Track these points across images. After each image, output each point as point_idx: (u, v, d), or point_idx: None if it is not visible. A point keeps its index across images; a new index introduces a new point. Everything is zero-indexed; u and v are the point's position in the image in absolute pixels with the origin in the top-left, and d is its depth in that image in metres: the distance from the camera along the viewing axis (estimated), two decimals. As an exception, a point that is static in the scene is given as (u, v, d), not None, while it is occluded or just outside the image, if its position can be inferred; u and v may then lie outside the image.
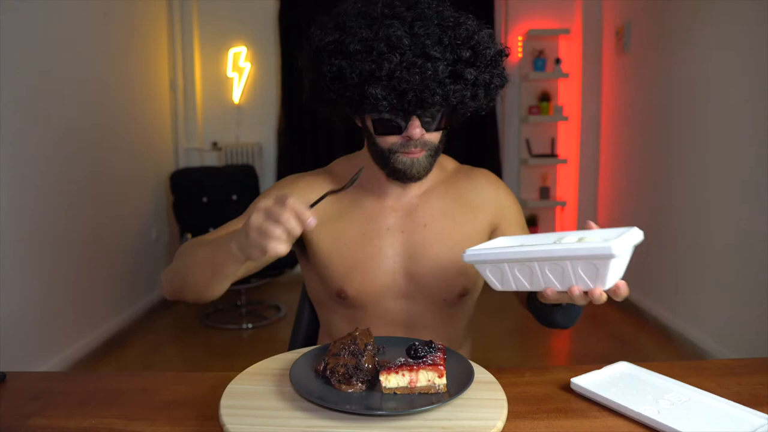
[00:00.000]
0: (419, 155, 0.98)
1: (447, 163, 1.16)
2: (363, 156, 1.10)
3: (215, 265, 0.90)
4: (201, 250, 0.95)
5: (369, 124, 1.01)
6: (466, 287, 1.09)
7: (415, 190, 1.09)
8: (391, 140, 0.98)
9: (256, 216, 0.79)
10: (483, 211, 1.12)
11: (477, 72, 0.94)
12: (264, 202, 0.80)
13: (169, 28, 4.13)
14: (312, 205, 0.82)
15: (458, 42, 0.92)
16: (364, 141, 1.08)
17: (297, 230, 0.78)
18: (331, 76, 0.94)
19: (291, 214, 0.77)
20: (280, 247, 0.78)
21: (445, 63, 0.91)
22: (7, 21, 2.43)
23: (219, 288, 0.95)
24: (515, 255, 0.80)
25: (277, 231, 0.77)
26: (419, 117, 0.96)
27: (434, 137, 1.00)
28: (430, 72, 0.90)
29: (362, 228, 1.07)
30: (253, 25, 4.26)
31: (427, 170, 1.01)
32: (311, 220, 0.78)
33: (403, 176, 1.00)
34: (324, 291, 1.12)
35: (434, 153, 1.01)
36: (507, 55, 1.01)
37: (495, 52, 0.97)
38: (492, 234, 1.13)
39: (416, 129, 0.95)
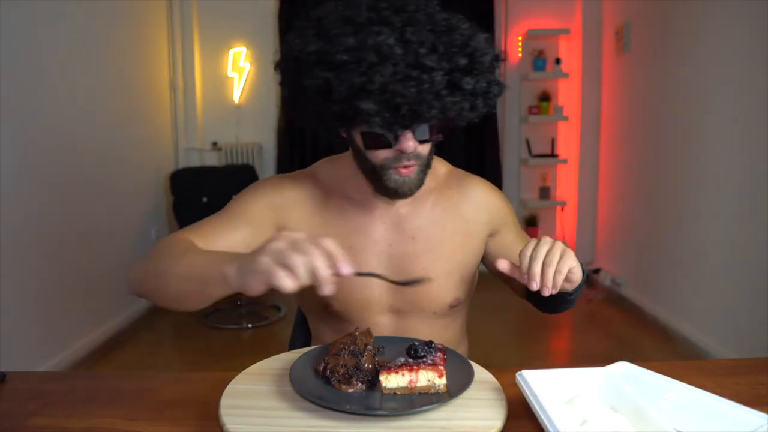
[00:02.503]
0: (411, 171, 0.92)
1: (439, 167, 1.10)
2: (347, 160, 1.04)
3: (200, 284, 0.79)
4: (186, 259, 0.83)
5: (357, 138, 0.93)
6: (458, 298, 1.07)
7: (404, 199, 1.02)
8: (383, 155, 0.92)
9: (278, 242, 0.70)
10: (477, 219, 1.08)
11: (474, 81, 0.87)
12: (289, 234, 0.71)
13: (169, 28, 4.13)
14: (357, 273, 0.74)
15: (454, 49, 0.85)
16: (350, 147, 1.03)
17: (322, 271, 0.68)
18: (315, 90, 0.86)
19: (322, 252, 0.69)
20: (288, 281, 0.68)
21: (442, 73, 0.83)
22: (7, 21, 2.43)
23: (195, 306, 0.84)
24: None
25: (297, 261, 0.68)
26: (413, 129, 0.89)
27: (426, 149, 0.94)
28: (426, 84, 0.82)
29: (349, 241, 1.02)
30: (253, 25, 4.26)
31: (418, 186, 0.96)
32: (346, 267, 0.69)
33: (393, 194, 0.95)
34: (312, 302, 1.09)
35: (425, 167, 0.96)
36: (504, 60, 0.95)
37: (492, 58, 0.90)
38: (491, 239, 1.11)
39: (409, 142, 0.89)
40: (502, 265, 0.93)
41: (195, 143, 4.33)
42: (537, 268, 0.86)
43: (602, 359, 0.95)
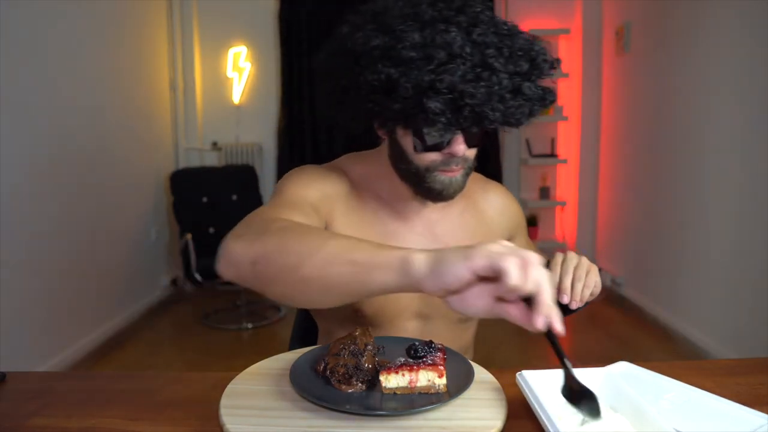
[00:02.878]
0: (457, 173, 0.91)
1: None
2: (377, 158, 1.02)
3: (363, 270, 0.65)
4: (336, 241, 0.70)
5: (407, 139, 0.90)
6: None
7: (435, 204, 1.01)
8: (431, 157, 0.89)
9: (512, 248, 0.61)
10: (498, 225, 1.10)
11: (534, 86, 0.86)
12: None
13: (169, 28, 4.13)
14: (562, 358, 0.68)
15: (519, 53, 0.83)
16: (383, 147, 1.00)
17: (546, 294, 0.60)
18: (377, 85, 0.82)
19: (549, 285, 0.60)
20: (518, 271, 0.58)
21: (507, 76, 0.82)
22: (7, 21, 2.43)
23: (334, 300, 0.71)
24: None
25: (537, 273, 0.59)
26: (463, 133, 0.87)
27: (473, 154, 0.93)
28: (495, 86, 0.80)
29: (383, 243, 1.01)
30: (253, 25, 4.26)
31: (461, 189, 0.94)
32: (558, 325, 0.61)
33: (437, 196, 0.93)
34: (338, 308, 1.01)
35: (470, 170, 0.95)
36: (556, 69, 0.92)
37: (551, 65, 0.89)
38: None
39: (460, 146, 0.88)
40: (574, 306, 0.94)
41: (195, 143, 4.33)
42: (568, 282, 0.90)
43: (602, 359, 0.95)
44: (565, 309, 1.05)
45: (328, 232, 0.80)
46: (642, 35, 3.56)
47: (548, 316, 0.60)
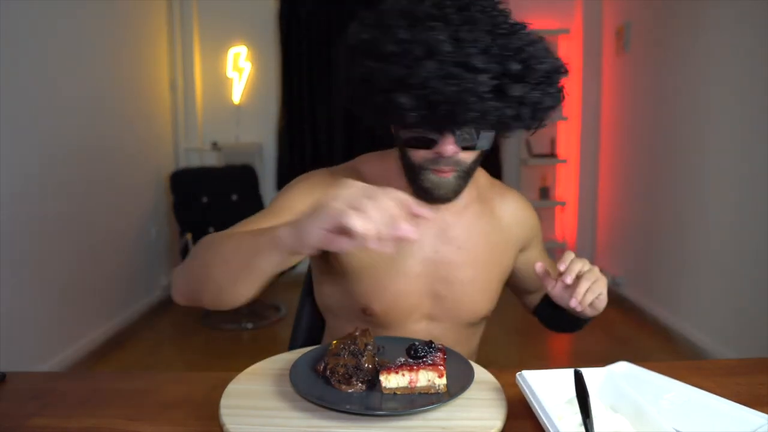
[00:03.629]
0: (449, 175, 0.90)
1: (479, 176, 1.06)
2: (392, 156, 1.02)
3: (250, 255, 0.76)
4: (231, 241, 0.81)
5: (400, 134, 0.91)
6: (491, 310, 1.08)
7: (451, 206, 1.00)
8: (421, 154, 0.89)
9: (349, 189, 0.67)
10: (514, 233, 1.08)
11: (525, 89, 0.83)
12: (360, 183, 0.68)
13: (169, 28, 4.13)
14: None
15: (508, 53, 0.81)
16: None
17: (387, 231, 0.64)
18: (360, 78, 0.85)
19: (396, 202, 0.66)
20: (360, 222, 0.63)
21: (489, 75, 0.79)
22: (7, 21, 2.43)
23: (245, 288, 0.79)
24: None
25: (374, 212, 0.64)
26: (455, 133, 0.86)
27: (468, 157, 0.90)
28: (470, 84, 0.78)
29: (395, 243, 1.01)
30: (253, 25, 4.26)
31: (456, 192, 0.93)
32: (411, 231, 0.65)
33: (429, 196, 0.93)
34: (346, 305, 1.05)
35: (466, 174, 0.93)
36: (566, 73, 0.90)
37: (551, 68, 0.86)
38: (520, 254, 1.12)
39: (448, 146, 0.86)
40: (540, 269, 0.98)
41: (195, 143, 4.32)
42: (585, 284, 0.92)
43: (602, 359, 0.95)
44: (552, 316, 1.07)
45: (227, 235, 0.85)
46: (642, 35, 3.56)
47: (389, 241, 0.65)
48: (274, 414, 0.76)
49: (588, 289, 0.92)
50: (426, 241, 1.01)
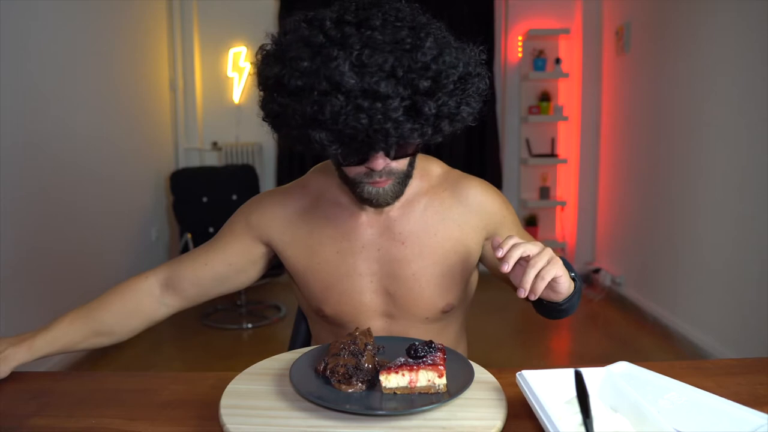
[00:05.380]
0: (385, 184, 0.91)
1: (433, 169, 1.07)
2: (335, 168, 1.02)
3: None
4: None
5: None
6: (450, 304, 1.05)
7: (394, 203, 1.00)
8: (355, 170, 0.91)
9: None
10: (470, 223, 1.04)
11: (438, 104, 0.81)
12: None
13: (169, 28, 4.13)
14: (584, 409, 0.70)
15: (414, 74, 0.78)
16: None
17: None
18: (274, 114, 0.85)
19: None
20: None
21: (399, 99, 0.77)
22: (7, 21, 2.43)
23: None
24: None
25: None
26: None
27: (401, 164, 0.92)
28: (379, 115, 0.77)
29: (336, 246, 1.02)
30: (253, 25, 4.25)
31: (396, 196, 0.94)
32: None
33: (370, 204, 0.94)
34: (306, 308, 1.14)
35: (404, 178, 0.94)
36: (479, 76, 0.86)
37: (463, 74, 0.83)
38: (488, 243, 1.08)
39: (378, 161, 0.87)
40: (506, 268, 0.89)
41: (195, 143, 4.33)
42: (531, 272, 0.83)
43: (602, 359, 0.95)
44: (538, 301, 0.99)
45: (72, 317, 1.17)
46: (642, 35, 3.56)
47: None
48: (274, 414, 0.76)
49: (538, 276, 0.83)
50: (369, 240, 1.02)
